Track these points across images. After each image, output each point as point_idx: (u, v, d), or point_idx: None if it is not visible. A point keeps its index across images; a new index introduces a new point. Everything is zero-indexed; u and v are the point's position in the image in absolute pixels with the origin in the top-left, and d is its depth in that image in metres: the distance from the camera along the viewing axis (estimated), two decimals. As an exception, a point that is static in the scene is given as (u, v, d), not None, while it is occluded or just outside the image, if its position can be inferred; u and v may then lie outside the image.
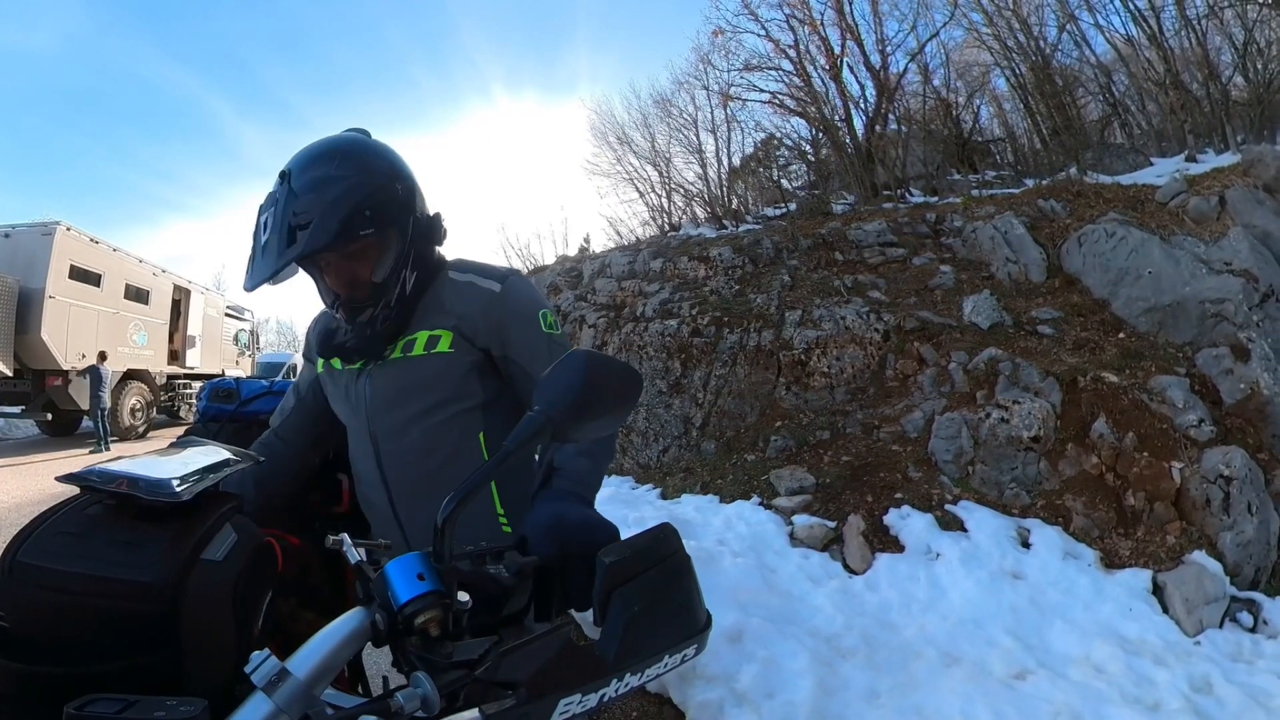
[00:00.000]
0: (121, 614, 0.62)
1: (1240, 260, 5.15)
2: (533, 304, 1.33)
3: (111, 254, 12.67)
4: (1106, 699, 2.68)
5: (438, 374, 1.27)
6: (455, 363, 1.27)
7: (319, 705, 0.59)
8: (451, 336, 1.26)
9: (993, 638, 3.15)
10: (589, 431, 0.77)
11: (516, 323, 1.29)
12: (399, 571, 0.64)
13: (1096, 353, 5.13)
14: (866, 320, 6.15)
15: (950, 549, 3.84)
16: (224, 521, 0.74)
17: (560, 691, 0.62)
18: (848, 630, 3.21)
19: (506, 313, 1.29)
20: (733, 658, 2.88)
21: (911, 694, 2.73)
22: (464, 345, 1.27)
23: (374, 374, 1.28)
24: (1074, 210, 6.95)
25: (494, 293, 1.29)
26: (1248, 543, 3.65)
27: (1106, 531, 3.95)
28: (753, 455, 5.59)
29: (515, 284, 1.33)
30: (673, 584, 0.68)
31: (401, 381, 1.27)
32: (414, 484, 1.28)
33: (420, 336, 1.27)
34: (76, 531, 0.67)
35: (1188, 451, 4.08)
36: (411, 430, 1.28)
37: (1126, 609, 3.34)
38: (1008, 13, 11.05)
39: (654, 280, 8.21)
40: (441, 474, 1.26)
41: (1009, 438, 4.52)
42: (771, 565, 3.87)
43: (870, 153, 10.35)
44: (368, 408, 1.29)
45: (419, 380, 1.26)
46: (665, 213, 12.30)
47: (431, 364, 1.26)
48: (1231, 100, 9.38)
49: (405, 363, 1.27)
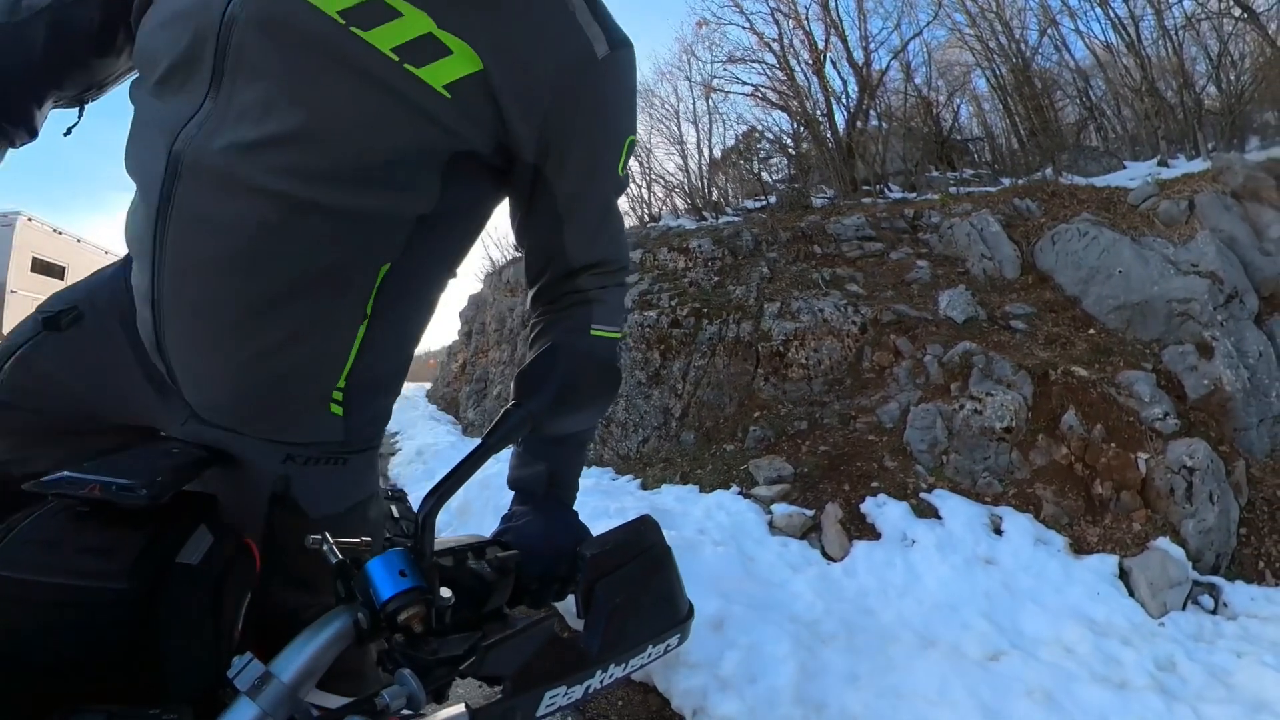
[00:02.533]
0: (97, 624, 0.60)
1: (1207, 262, 5.29)
2: (630, 114, 0.84)
3: (75, 245, 12.06)
4: (1076, 678, 2.76)
5: (383, 105, 0.66)
6: (430, 119, 0.68)
7: (304, 707, 0.59)
8: (471, 73, 0.67)
9: (967, 621, 3.23)
10: (568, 426, 0.76)
11: (599, 128, 0.78)
12: (381, 569, 0.63)
13: (1067, 348, 5.24)
14: (844, 313, 6.20)
15: (925, 536, 3.92)
16: (199, 523, 0.71)
17: (546, 684, 0.62)
18: (827, 616, 3.25)
19: (597, 101, 0.76)
20: (715, 645, 2.91)
21: (890, 676, 2.79)
22: (475, 107, 0.69)
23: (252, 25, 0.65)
24: (1048, 210, 7.09)
25: (592, 55, 0.74)
26: (1209, 530, 3.79)
27: (1075, 519, 4.07)
28: (732, 445, 5.63)
29: (630, 63, 0.80)
30: (654, 575, 0.68)
31: (308, 63, 0.65)
32: (211, 307, 0.71)
33: (410, 16, 0.65)
34: (45, 540, 0.64)
35: (1153, 443, 4.21)
36: (260, 190, 0.66)
37: (1094, 593, 3.44)
38: (991, 15, 11.23)
39: (633, 271, 8.19)
40: (264, 318, 0.71)
41: (982, 429, 4.62)
42: (751, 553, 3.90)
43: (851, 148, 10.44)
44: (223, 57, 0.66)
45: (340, 85, 0.65)
46: (645, 203, 12.28)
47: (389, 78, 0.65)
48: (1204, 109, 9.64)
49: (336, 34, 0.64)
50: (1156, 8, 9.77)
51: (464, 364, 11.82)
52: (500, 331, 10.07)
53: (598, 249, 0.87)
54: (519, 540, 0.76)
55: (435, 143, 0.69)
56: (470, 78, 0.67)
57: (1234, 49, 9.93)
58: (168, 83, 0.71)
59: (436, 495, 0.65)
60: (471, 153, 0.72)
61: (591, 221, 0.85)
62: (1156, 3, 9.75)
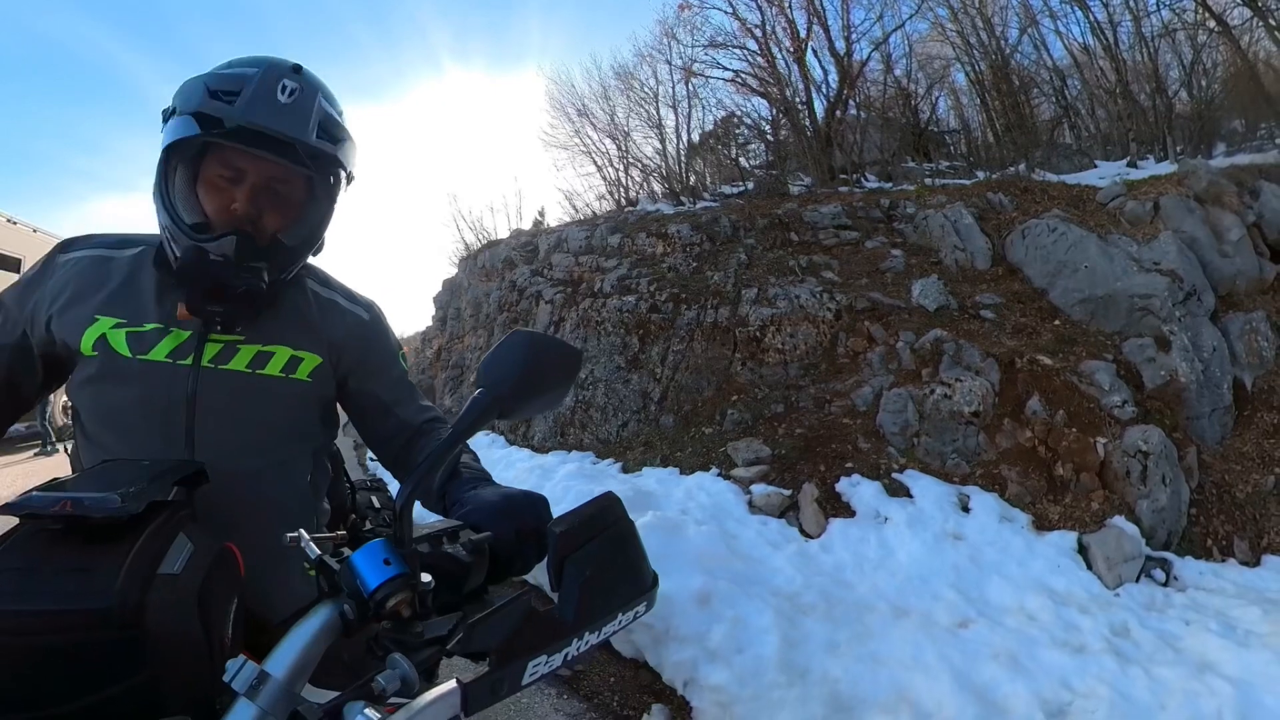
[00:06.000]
0: (85, 646, 0.58)
1: (1168, 261, 5.49)
2: (395, 340, 1.26)
3: (32, 235, 11.32)
4: (1038, 643, 2.93)
5: (287, 404, 1.09)
6: (310, 396, 1.11)
7: (303, 701, 0.60)
8: (318, 364, 1.10)
9: (937, 592, 3.39)
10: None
11: (385, 357, 1.20)
12: (365, 559, 0.65)
13: (1033, 337, 5.42)
14: (820, 300, 6.29)
15: (898, 514, 4.07)
16: (177, 531, 0.69)
17: (528, 655, 0.64)
18: (807, 589, 3.39)
19: (375, 345, 1.19)
20: (703, 618, 3.01)
21: (868, 643, 2.92)
22: (325, 378, 1.12)
23: (207, 379, 1.02)
24: (1020, 205, 7.27)
25: (363, 320, 1.19)
26: (1161, 509, 4.00)
27: (1038, 498, 4.25)
28: (710, 428, 5.70)
29: (381, 315, 1.24)
30: (619, 549, 0.71)
31: (243, 400, 1.04)
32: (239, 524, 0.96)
33: (279, 353, 1.07)
34: (22, 566, 0.61)
35: (1111, 429, 4.40)
36: (247, 459, 1.04)
37: (1055, 566, 3.62)
38: (973, 10, 11.37)
39: (612, 256, 8.12)
40: (264, 517, 1.02)
41: (951, 413, 4.77)
42: (733, 532, 4.01)
43: (829, 136, 10.48)
44: (192, 414, 1.01)
45: (265, 405, 1.06)
46: (623, 187, 12.12)
47: (283, 390, 1.07)
48: (1175, 113, 9.93)
49: (251, 380, 1.04)
50: (1135, 15, 10.03)
51: (439, 350, 11.60)
52: (476, 317, 9.88)
53: (424, 410, 1.23)
54: (489, 522, 0.80)
55: (314, 403, 1.14)
56: (319, 366, 1.11)
57: (1207, 58, 10.28)
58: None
59: (413, 484, 0.67)
60: (330, 399, 1.17)
61: (406, 404, 1.21)
62: (1135, 10, 10.01)
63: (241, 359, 1.03)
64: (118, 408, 1.01)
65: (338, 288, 1.20)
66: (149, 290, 1.03)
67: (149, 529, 0.67)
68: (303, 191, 1.07)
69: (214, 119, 0.93)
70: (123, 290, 1.02)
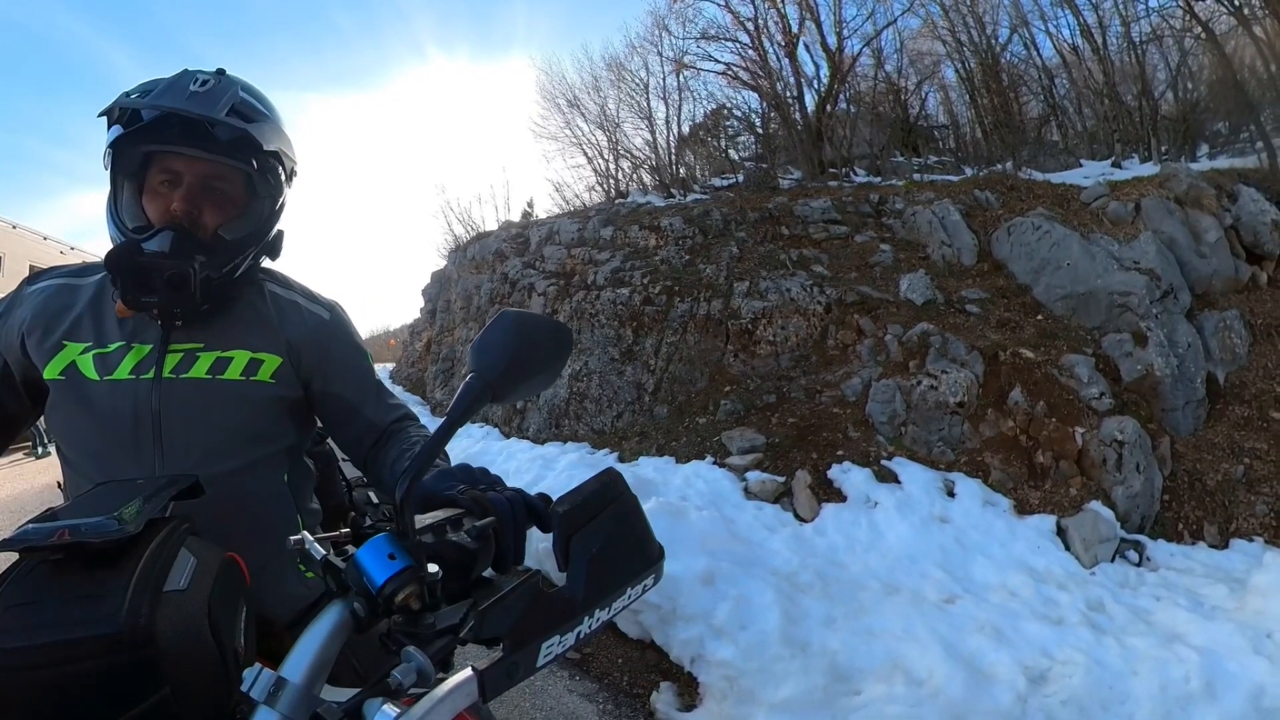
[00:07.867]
0: (99, 673, 0.57)
1: (1147, 261, 5.64)
2: (359, 338, 1.26)
3: (11, 231, 11.33)
4: (1020, 616, 3.11)
5: (251, 407, 1.08)
6: (274, 397, 1.10)
7: (322, 703, 0.61)
8: (279, 364, 1.10)
9: (925, 571, 3.56)
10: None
11: (349, 356, 1.20)
12: (370, 555, 0.64)
13: (1016, 331, 5.55)
14: (810, 293, 6.37)
15: (887, 498, 4.22)
16: (179, 546, 0.67)
17: (540, 636, 0.63)
18: (803, 569, 3.53)
19: (337, 344, 1.18)
20: (708, 598, 3.13)
21: (862, 618, 3.08)
22: (288, 378, 1.12)
23: (168, 390, 1.02)
24: (1006, 203, 7.39)
25: (324, 320, 1.18)
26: (1135, 495, 4.18)
27: (1019, 484, 4.42)
28: (704, 418, 5.78)
29: (343, 314, 1.24)
30: (624, 523, 0.70)
31: (207, 407, 1.04)
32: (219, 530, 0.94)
33: (239, 356, 1.07)
34: (26, 601, 0.60)
35: (1089, 419, 4.57)
36: (217, 464, 1.03)
37: (1035, 547, 3.81)
38: (964, 8, 11.48)
39: (604, 248, 8.10)
40: (244, 521, 1.02)
41: (937, 403, 4.91)
42: (731, 517, 4.12)
43: (819, 131, 10.52)
44: (159, 426, 1.01)
45: (229, 409, 1.05)
46: (614, 178, 12.04)
47: (246, 393, 1.07)
48: (1160, 115, 10.09)
49: (213, 386, 1.05)
50: (1124, 19, 10.18)
51: (429, 343, 11.37)
52: (466, 309, 9.81)
53: (393, 410, 1.24)
54: (491, 505, 0.78)
55: (279, 404, 1.12)
56: (280, 366, 1.11)
57: (1193, 62, 10.42)
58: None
59: (410, 475, 0.65)
60: (298, 400, 1.15)
61: (373, 404, 1.21)
62: (1125, 14, 10.16)
63: (201, 366, 1.04)
64: (89, 430, 1.02)
65: (298, 289, 1.21)
66: (112, 311, 1.05)
67: (150, 548, 0.65)
68: (241, 187, 1.09)
69: (133, 113, 0.98)
70: (87, 314, 1.05)
